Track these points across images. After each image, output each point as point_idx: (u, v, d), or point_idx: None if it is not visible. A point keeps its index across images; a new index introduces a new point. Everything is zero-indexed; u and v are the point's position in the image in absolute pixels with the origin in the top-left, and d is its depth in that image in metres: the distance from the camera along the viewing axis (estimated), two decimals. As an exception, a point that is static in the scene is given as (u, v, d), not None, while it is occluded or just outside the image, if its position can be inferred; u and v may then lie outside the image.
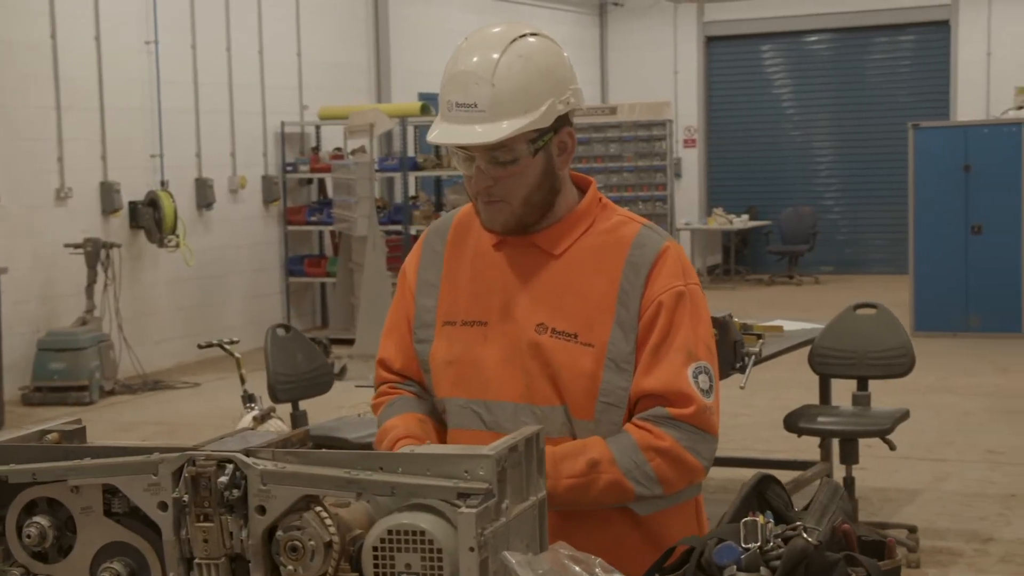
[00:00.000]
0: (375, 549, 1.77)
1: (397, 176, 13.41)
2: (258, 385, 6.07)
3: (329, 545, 1.81)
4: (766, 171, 19.04)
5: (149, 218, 11.40)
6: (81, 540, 1.92)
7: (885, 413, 5.85)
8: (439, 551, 1.74)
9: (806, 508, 1.99)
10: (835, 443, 6.06)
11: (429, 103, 13.25)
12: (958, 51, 17.73)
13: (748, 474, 2.38)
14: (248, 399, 5.49)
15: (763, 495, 2.02)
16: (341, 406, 7.63)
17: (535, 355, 2.45)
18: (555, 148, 2.45)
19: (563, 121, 2.44)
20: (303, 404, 6.06)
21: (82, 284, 10.55)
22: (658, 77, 18.89)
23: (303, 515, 1.81)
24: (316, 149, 13.65)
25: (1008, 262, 11.86)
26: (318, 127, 13.70)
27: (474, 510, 1.72)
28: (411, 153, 13.37)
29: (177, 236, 11.44)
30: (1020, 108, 13.31)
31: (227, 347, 5.85)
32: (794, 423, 5.84)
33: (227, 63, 12.63)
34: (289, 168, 13.36)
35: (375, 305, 10.75)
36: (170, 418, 9.68)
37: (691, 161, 18.95)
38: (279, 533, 1.82)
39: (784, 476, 6.38)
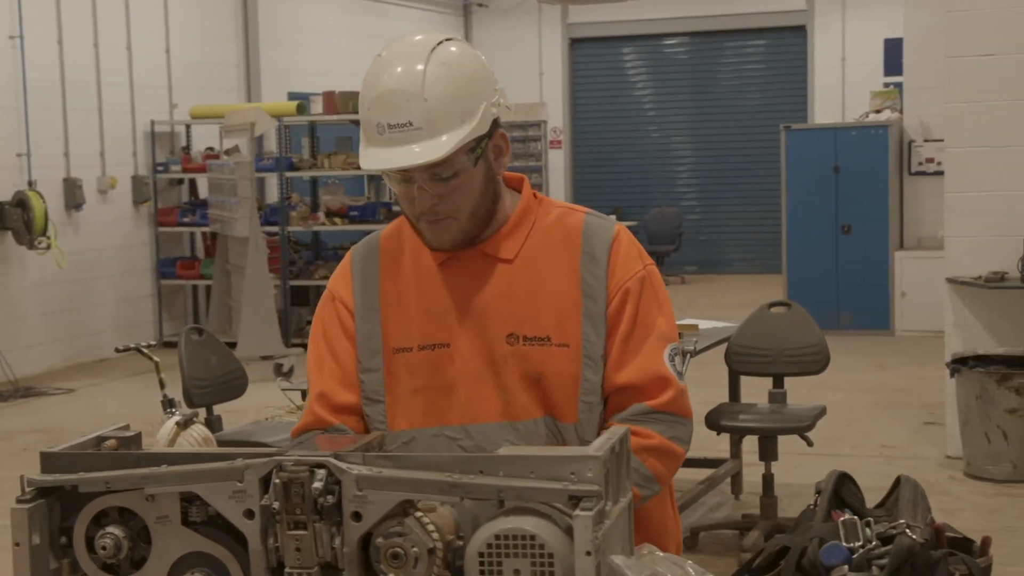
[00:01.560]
0: (481, 555, 1.73)
1: (267, 176, 13.21)
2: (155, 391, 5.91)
3: (432, 552, 1.76)
4: (630, 172, 19.26)
5: (17, 219, 11.01)
6: (156, 551, 1.85)
7: (803, 410, 5.96)
8: (550, 556, 1.71)
9: (880, 505, 2.00)
10: (746, 440, 6.15)
11: (304, 102, 13.09)
12: (815, 56, 18.16)
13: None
14: (168, 404, 5.33)
15: (838, 493, 2.03)
16: (246, 410, 7.47)
17: (511, 368, 2.37)
18: (492, 153, 2.38)
19: (494, 124, 2.37)
20: (216, 409, 5.93)
21: (-52, 289, 10.17)
22: (523, 78, 18.93)
23: (404, 521, 1.76)
24: (187, 149, 13.36)
25: (876, 261, 12.20)
26: (188, 126, 13.41)
27: (590, 513, 1.69)
28: (283, 153, 13.16)
29: (48, 238, 11.08)
30: (878, 112, 13.68)
31: (145, 351, 5.67)
32: (715, 421, 5.91)
33: (95, 60, 12.29)
34: (160, 168, 13.05)
35: (258, 308, 10.59)
36: (50, 425, 9.37)
37: (557, 162, 19.05)
38: (379, 540, 1.76)
39: (700, 474, 6.51)
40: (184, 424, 5.19)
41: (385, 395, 2.44)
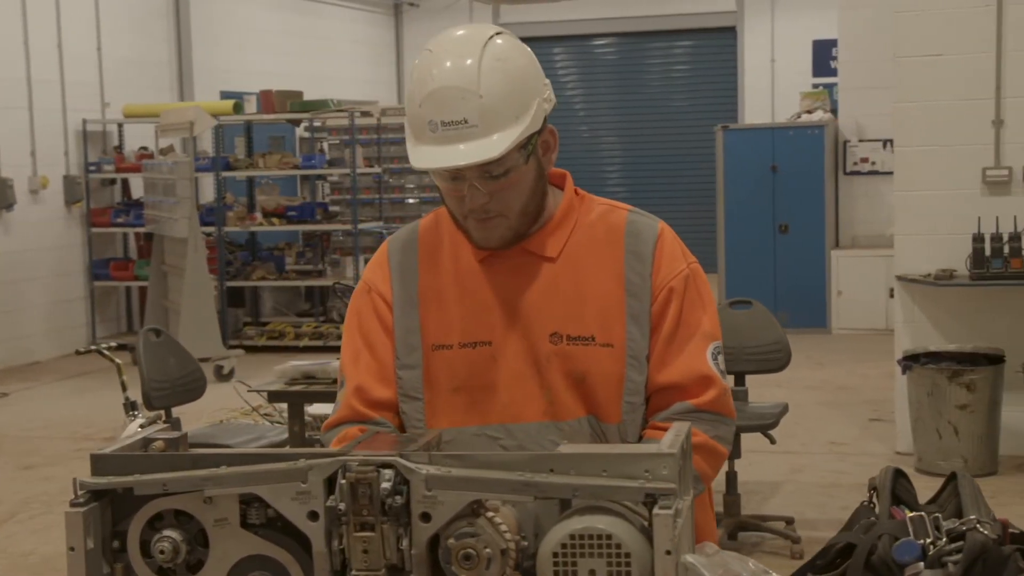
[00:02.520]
0: (555, 555, 1.70)
1: (200, 176, 13.04)
2: (110, 393, 5.80)
3: (505, 552, 1.72)
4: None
5: (-52, 220, 10.78)
6: (215, 554, 1.80)
7: (766, 407, 5.98)
8: (627, 555, 1.68)
9: (932, 501, 1.99)
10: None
11: (240, 101, 12.95)
12: (744, 57, 18.30)
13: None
14: (131, 407, 5.23)
15: (893, 490, 2.02)
16: (199, 412, 7.37)
17: (555, 367, 2.33)
18: (540, 149, 2.35)
19: (544, 120, 2.34)
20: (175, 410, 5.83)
21: None
22: (454, 78, 18.85)
23: (476, 521, 1.73)
24: (119, 148, 13.15)
25: (813, 260, 12.31)
26: (120, 125, 13.20)
27: (670, 511, 1.67)
28: (219, 153, 13.00)
29: (-20, 239, 10.86)
30: (810, 112, 13.81)
31: (106, 352, 5.56)
32: (680, 418, 5.90)
33: (25, 58, 12.05)
34: (92, 168, 12.83)
35: (199, 309, 10.44)
36: (-13, 429, 9.17)
37: (489, 163, 18.98)
38: (450, 541, 1.72)
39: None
40: (148, 426, 5.08)
41: (424, 392, 2.39)
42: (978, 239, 7.23)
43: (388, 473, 1.74)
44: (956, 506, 1.92)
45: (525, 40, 2.24)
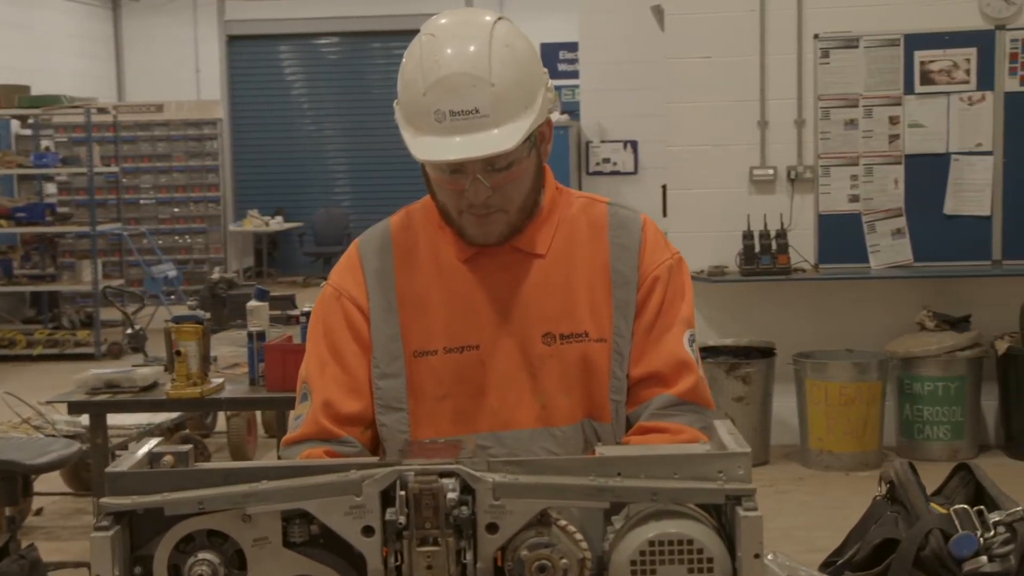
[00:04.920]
0: (633, 563, 1.62)
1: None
2: None
3: (582, 562, 1.63)
4: (294, 173, 18.96)
5: None
6: (254, 577, 1.63)
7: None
8: (709, 560, 1.62)
9: (938, 492, 2.00)
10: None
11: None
12: (475, 58, 18.41)
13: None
14: None
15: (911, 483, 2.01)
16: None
17: (549, 370, 2.23)
18: (538, 141, 2.25)
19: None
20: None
21: None
22: (179, 76, 18.30)
23: (549, 531, 1.63)
24: None
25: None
26: None
27: (758, 513, 1.61)
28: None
29: None
30: (550, 113, 14.01)
31: None
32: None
33: None
34: None
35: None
36: None
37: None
38: (523, 552, 1.61)
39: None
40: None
41: (408, 402, 2.25)
42: (748, 236, 7.48)
43: (450, 482, 1.62)
44: (967, 498, 1.93)
45: (252, 38, 2.12)
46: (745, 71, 7.59)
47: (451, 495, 1.61)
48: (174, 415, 6.80)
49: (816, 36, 7.46)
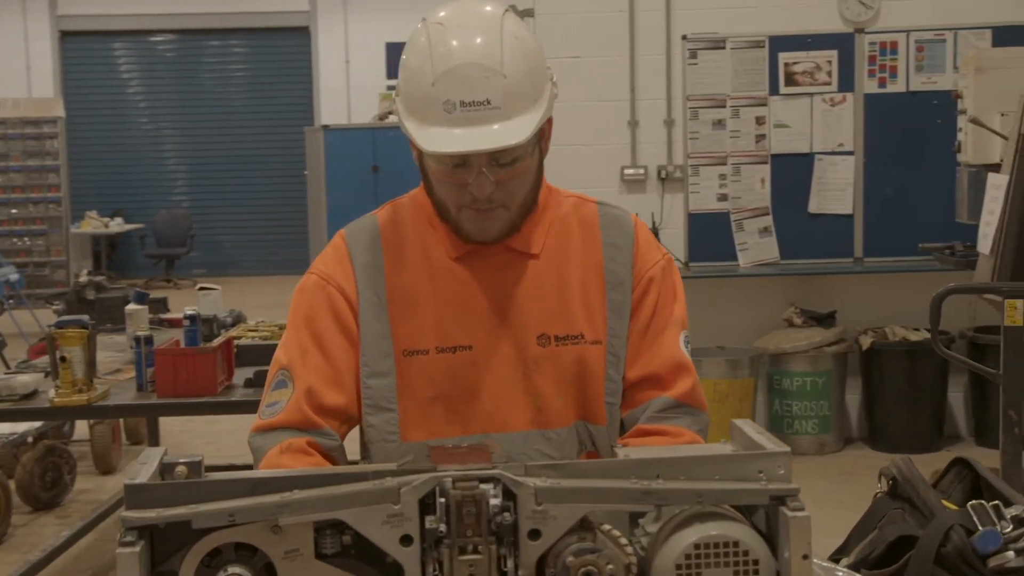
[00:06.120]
0: (678, 567, 1.58)
1: None
2: None
3: (628, 568, 1.59)
4: (132, 173, 18.49)
5: None
6: (285, 591, 1.55)
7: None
8: (755, 562, 1.59)
9: (934, 487, 2.01)
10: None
11: None
12: (319, 57, 18.23)
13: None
14: None
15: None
16: None
17: (544, 372, 2.20)
18: (540, 137, 2.21)
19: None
20: None
21: None
22: (9, 72, 17.67)
23: (594, 536, 1.58)
24: None
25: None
26: None
27: (805, 513, 1.59)
28: None
29: None
30: (390, 114, 13.95)
31: None
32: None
33: None
34: None
35: None
36: None
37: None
38: (570, 559, 1.56)
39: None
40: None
41: (398, 402, 2.18)
42: (620, 235, 7.51)
43: (491, 488, 1.56)
44: (965, 492, 1.95)
45: (86, 35, 2.03)
46: (615, 71, 7.64)
47: (493, 501, 1.55)
48: (37, 424, 6.56)
49: (684, 37, 7.54)
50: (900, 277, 7.50)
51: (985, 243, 5.46)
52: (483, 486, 1.56)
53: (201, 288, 6.00)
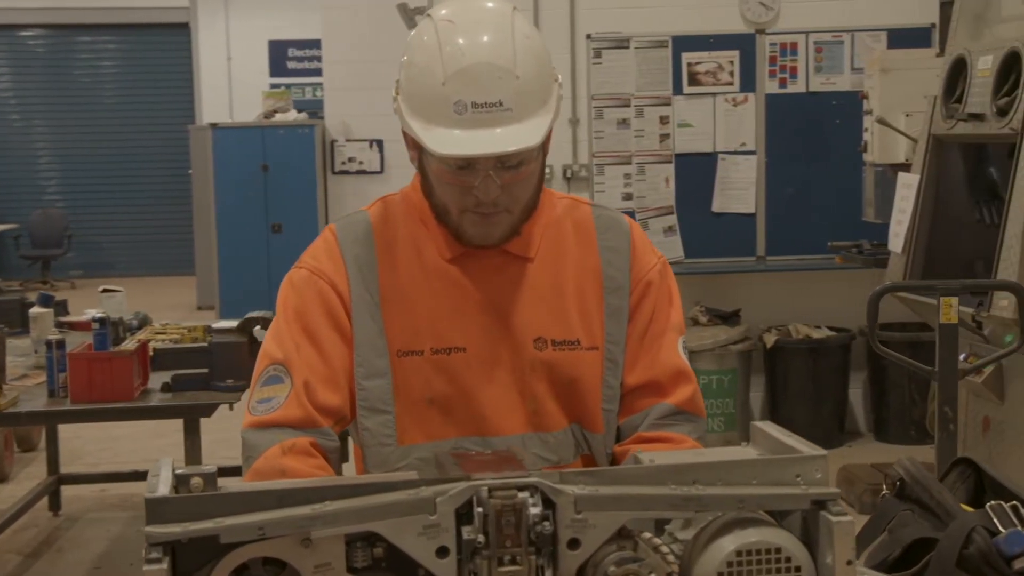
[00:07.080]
0: (720, 575, 1.54)
1: None
2: None
3: (671, 577, 1.54)
4: (5, 172, 17.95)
5: None
6: (315, 607, 1.47)
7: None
8: (798, 568, 1.55)
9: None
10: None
11: None
12: (200, 55, 17.89)
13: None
14: None
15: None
16: None
17: (540, 375, 2.14)
18: (544, 140, 2.13)
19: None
20: None
21: None
22: None
23: (635, 545, 1.53)
24: None
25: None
26: None
27: (849, 517, 1.55)
28: None
29: None
30: (275, 112, 13.75)
31: None
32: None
33: None
34: None
35: None
36: None
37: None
38: (611, 568, 1.50)
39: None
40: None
41: (394, 404, 2.10)
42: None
43: (529, 497, 1.50)
44: (969, 492, 1.93)
45: None
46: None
47: (533, 510, 1.49)
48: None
49: (589, 36, 7.54)
50: (802, 275, 7.59)
51: (897, 241, 5.52)
52: (521, 495, 1.49)
53: (105, 290, 5.84)
